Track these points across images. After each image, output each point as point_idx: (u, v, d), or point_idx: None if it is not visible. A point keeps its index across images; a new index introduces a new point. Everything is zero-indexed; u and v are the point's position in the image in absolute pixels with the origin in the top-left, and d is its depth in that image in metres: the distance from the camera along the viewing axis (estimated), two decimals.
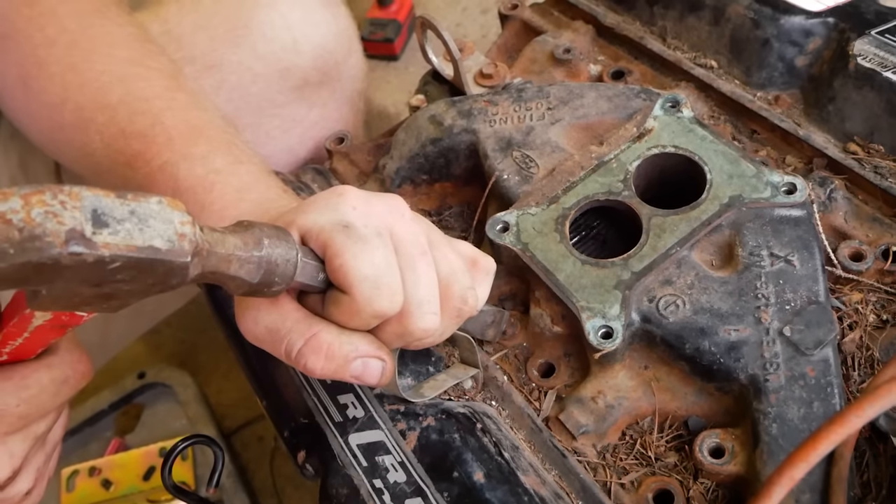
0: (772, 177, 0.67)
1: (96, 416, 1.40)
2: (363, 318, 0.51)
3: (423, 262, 0.53)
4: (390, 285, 0.50)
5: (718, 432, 0.60)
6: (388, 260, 0.51)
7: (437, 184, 0.83)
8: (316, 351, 0.51)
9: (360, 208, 0.52)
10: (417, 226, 0.55)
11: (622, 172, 0.71)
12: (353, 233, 0.50)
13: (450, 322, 0.57)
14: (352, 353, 0.52)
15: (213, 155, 0.65)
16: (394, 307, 0.51)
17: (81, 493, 1.28)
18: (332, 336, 0.52)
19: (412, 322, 0.53)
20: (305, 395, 0.66)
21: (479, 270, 0.60)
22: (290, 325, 0.52)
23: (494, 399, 0.67)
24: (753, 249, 0.64)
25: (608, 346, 0.62)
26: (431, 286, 0.53)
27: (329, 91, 0.98)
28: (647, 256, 0.66)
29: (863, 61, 0.71)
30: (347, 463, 0.61)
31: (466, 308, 0.56)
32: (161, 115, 0.66)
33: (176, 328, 1.58)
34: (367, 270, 0.49)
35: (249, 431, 1.42)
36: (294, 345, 0.52)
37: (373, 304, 0.50)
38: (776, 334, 0.60)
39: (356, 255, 0.49)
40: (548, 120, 0.77)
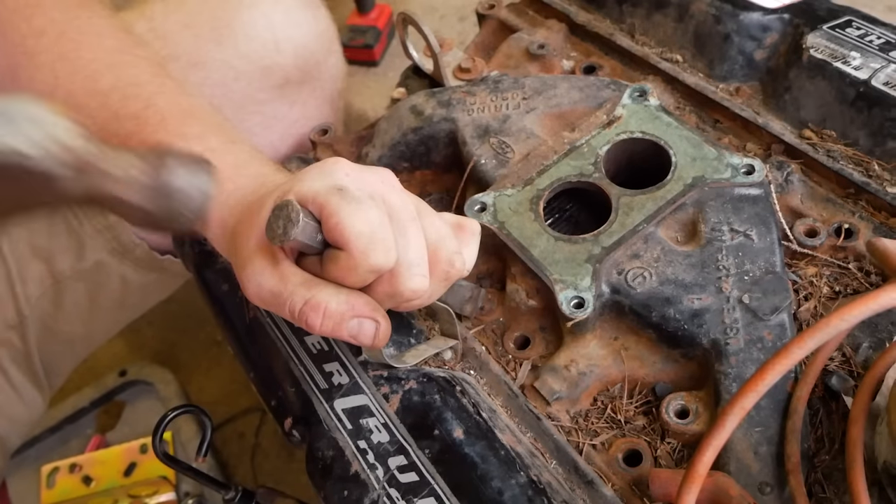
0: (732, 159, 0.72)
1: (77, 414, 1.41)
2: (360, 274, 0.55)
3: (413, 227, 0.57)
4: (385, 240, 0.54)
5: (683, 395, 0.64)
6: (382, 219, 0.54)
7: (417, 171, 0.87)
8: (315, 309, 0.55)
9: (353, 175, 0.56)
10: (407, 196, 0.59)
11: (593, 156, 0.76)
12: (347, 194, 0.54)
13: (438, 285, 0.60)
14: (348, 312, 0.56)
15: (207, 135, 0.68)
16: (389, 262, 0.54)
17: (62, 489, 1.30)
18: (329, 295, 0.55)
19: (402, 283, 0.56)
20: (292, 366, 0.69)
21: (466, 232, 0.64)
22: (291, 287, 0.56)
23: (473, 368, 0.70)
24: (715, 225, 0.69)
25: (580, 314, 0.66)
26: (421, 250, 0.57)
27: (310, 90, 1.02)
28: (617, 233, 0.70)
29: (815, 53, 0.76)
30: (333, 427, 0.65)
31: (454, 271, 0.60)
32: (153, 98, 0.69)
33: (158, 327, 1.60)
34: (362, 227, 0.53)
35: (230, 428, 1.45)
36: (296, 305, 0.55)
37: (369, 259, 0.53)
38: (736, 302, 0.65)
39: (351, 213, 0.53)
40: (523, 109, 0.82)
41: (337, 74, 1.06)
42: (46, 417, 1.40)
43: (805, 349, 0.42)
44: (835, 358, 0.66)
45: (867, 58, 0.75)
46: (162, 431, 0.68)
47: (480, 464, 0.58)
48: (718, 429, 0.44)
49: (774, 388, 0.60)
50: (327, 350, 0.69)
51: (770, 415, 0.60)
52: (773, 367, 0.42)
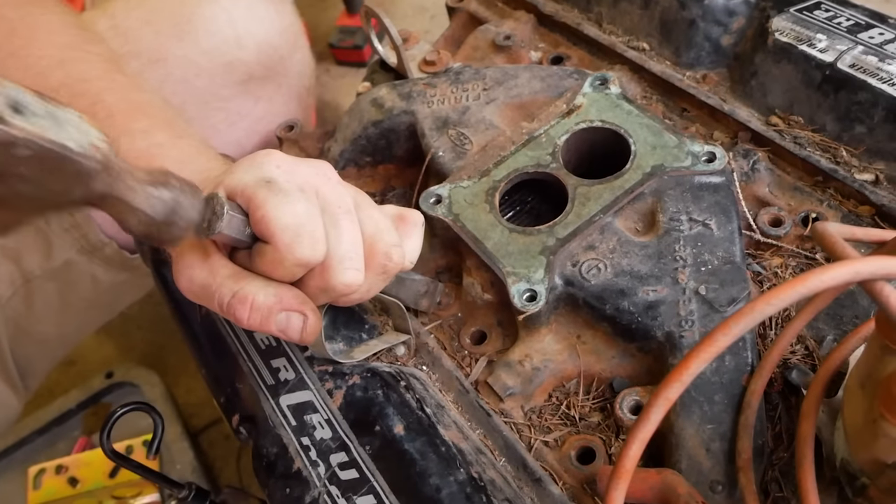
0: (693, 146, 0.70)
1: (64, 416, 1.41)
2: (286, 268, 0.54)
3: (346, 219, 0.55)
4: (312, 233, 0.52)
5: (638, 390, 0.62)
6: (311, 211, 0.53)
7: (380, 166, 0.85)
8: (242, 302, 0.54)
9: (284, 167, 0.55)
10: (343, 188, 0.58)
11: (551, 146, 0.74)
12: (274, 187, 0.53)
13: (376, 278, 0.58)
14: (276, 305, 0.54)
15: (154, 130, 0.67)
16: (316, 255, 0.53)
17: (48, 490, 1.29)
18: (257, 288, 0.54)
19: (334, 276, 0.55)
20: (241, 362, 0.68)
21: (407, 223, 0.62)
22: (219, 280, 0.54)
23: (426, 364, 0.68)
24: (673, 215, 0.67)
25: (532, 308, 0.64)
26: (354, 242, 0.55)
27: (275, 86, 1.00)
28: (572, 224, 0.68)
29: (780, 36, 0.74)
30: (278, 423, 0.63)
31: (391, 264, 0.58)
32: (101, 95, 0.68)
33: (146, 330, 1.60)
34: (287, 219, 0.52)
35: (216, 430, 1.44)
36: (224, 298, 0.54)
37: (294, 252, 0.52)
38: (692, 293, 0.62)
39: (276, 205, 0.52)
40: (483, 100, 0.80)
41: (303, 71, 1.05)
42: (33, 419, 1.40)
43: (730, 336, 0.39)
44: (797, 351, 0.64)
45: (834, 40, 0.72)
46: (110, 427, 0.67)
47: (419, 460, 0.57)
48: (643, 421, 0.42)
49: (729, 381, 0.59)
50: (275, 346, 0.67)
51: (723, 410, 0.58)
52: (696, 355, 0.40)
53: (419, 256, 0.75)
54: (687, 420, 0.57)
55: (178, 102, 0.90)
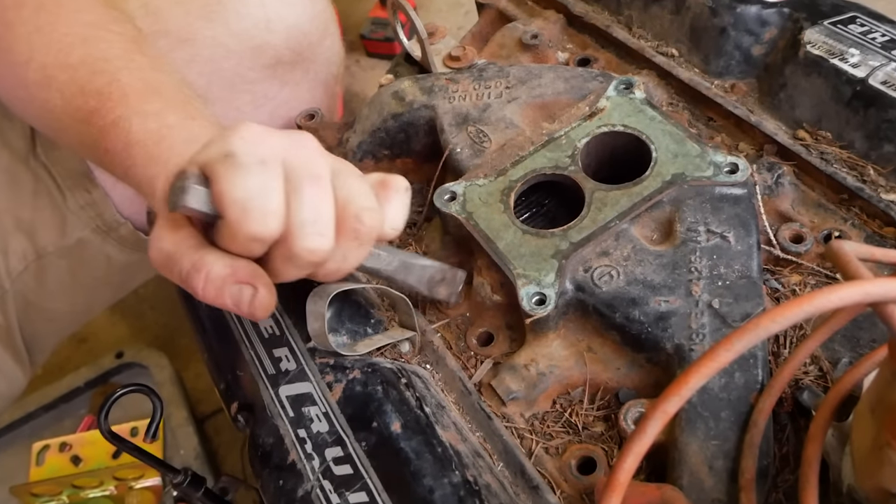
0: (715, 157, 0.69)
1: (72, 393, 1.42)
2: (240, 242, 0.54)
3: (310, 184, 0.54)
4: (262, 207, 0.52)
5: (644, 402, 0.61)
6: (266, 185, 0.53)
7: (398, 159, 0.85)
8: (198, 271, 0.54)
9: (249, 139, 0.54)
10: (318, 156, 0.57)
11: (570, 148, 0.73)
12: (231, 160, 0.53)
13: (349, 245, 0.57)
14: (230, 277, 0.55)
15: (166, 111, 0.67)
16: (267, 229, 0.53)
17: (50, 467, 1.31)
18: (213, 259, 0.55)
19: (296, 242, 0.54)
20: (244, 349, 0.68)
21: (388, 188, 0.61)
22: (182, 250, 0.55)
23: (429, 363, 0.68)
24: (691, 225, 0.66)
25: (540, 311, 0.63)
26: (318, 207, 0.55)
27: (302, 71, 1.01)
28: (587, 228, 0.67)
29: (812, 49, 0.73)
30: (276, 414, 0.63)
31: (363, 227, 0.57)
32: (118, 74, 0.69)
33: (159, 312, 1.61)
34: (236, 194, 0.52)
35: (223, 417, 1.44)
36: (183, 267, 0.55)
37: (243, 227, 0.52)
38: (705, 306, 0.62)
39: (229, 179, 0.52)
40: (505, 98, 0.80)
41: (332, 58, 1.05)
42: (41, 395, 1.42)
43: (732, 351, 0.39)
44: (810, 372, 0.63)
45: (866, 55, 0.71)
46: (108, 408, 0.67)
47: (414, 459, 0.56)
48: (639, 434, 0.41)
49: (737, 398, 0.58)
50: (278, 335, 0.67)
51: (729, 427, 0.57)
52: (696, 370, 0.39)
53: (431, 253, 0.76)
54: (691, 435, 0.57)
55: (204, 83, 0.91)
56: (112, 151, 0.66)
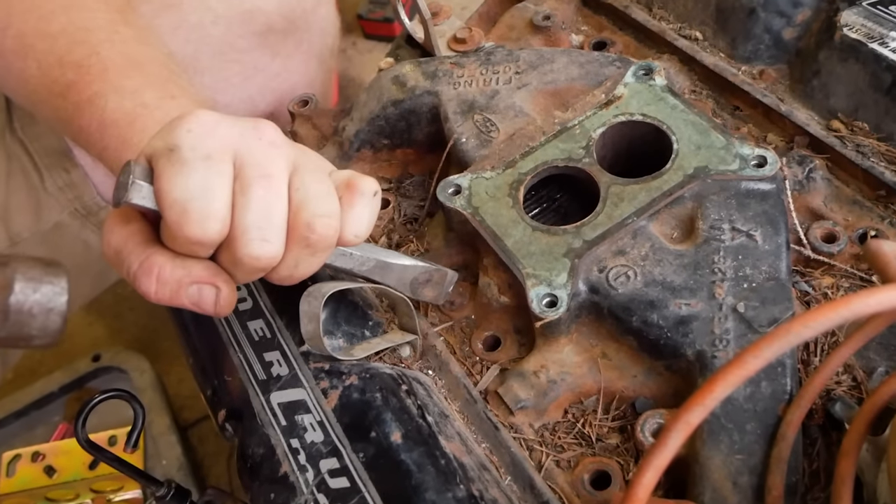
0: (742, 149, 0.69)
1: (45, 399, 1.43)
2: (180, 244, 0.54)
3: (258, 186, 0.54)
4: (201, 210, 0.52)
5: (662, 412, 0.61)
6: (209, 183, 0.52)
7: (398, 150, 0.85)
8: (147, 273, 0.55)
9: (196, 130, 0.54)
10: (274, 149, 0.56)
11: (585, 139, 0.73)
12: (174, 156, 0.52)
13: (301, 252, 0.57)
14: (185, 278, 0.55)
15: (144, 89, 0.68)
16: (207, 233, 0.53)
17: (22, 478, 1.31)
18: (164, 259, 0.55)
19: (239, 248, 0.54)
20: (232, 352, 0.68)
21: (353, 192, 0.59)
22: (130, 247, 0.55)
23: (431, 368, 0.68)
24: (715, 222, 0.66)
25: (551, 315, 0.63)
26: (264, 211, 0.54)
27: (295, 42, 1.01)
28: (602, 225, 0.67)
29: (849, 32, 0.73)
30: (266, 422, 0.63)
31: (314, 236, 0.56)
32: (99, 47, 0.69)
33: (139, 312, 1.62)
34: (175, 194, 0.52)
35: (208, 425, 1.45)
36: (131, 266, 0.55)
37: (182, 229, 0.52)
38: (729, 310, 0.61)
39: (170, 177, 0.52)
40: (514, 84, 0.80)
41: (327, 29, 1.05)
42: (11, 401, 1.42)
43: (761, 358, 0.39)
44: (843, 382, 0.62)
45: None
46: (85, 416, 0.67)
47: (416, 472, 0.56)
48: (660, 447, 0.41)
49: (764, 410, 0.58)
50: (269, 337, 0.68)
51: (755, 440, 0.57)
52: (722, 378, 0.39)
53: (433, 250, 0.76)
54: (714, 449, 0.57)
55: (191, 52, 0.91)
56: (86, 130, 0.67)
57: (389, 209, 0.82)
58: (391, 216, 0.82)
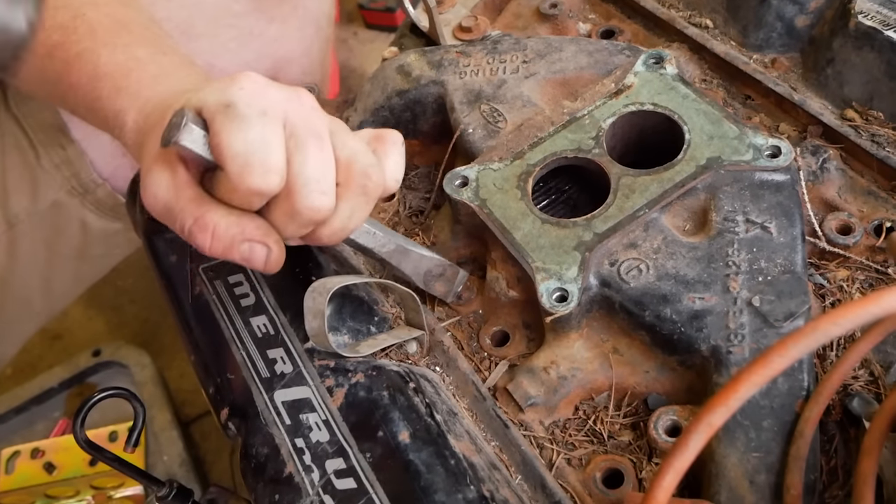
0: (755, 139, 0.67)
1: (45, 395, 1.42)
2: (240, 196, 0.55)
3: (313, 142, 0.56)
4: (264, 162, 0.53)
5: (676, 409, 0.60)
6: (267, 138, 0.54)
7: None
8: (203, 230, 0.56)
9: (249, 89, 0.55)
10: (317, 113, 0.59)
11: (594, 129, 0.72)
12: (231, 111, 0.54)
13: (357, 200, 0.59)
14: (238, 236, 0.57)
15: (135, 45, 0.68)
16: (269, 185, 0.54)
17: (21, 475, 1.30)
18: (218, 216, 0.56)
19: (299, 200, 0.56)
20: (234, 349, 0.67)
21: (385, 143, 0.63)
22: (182, 203, 0.56)
23: (439, 365, 0.67)
24: (728, 214, 0.65)
25: (561, 309, 0.62)
26: (322, 166, 0.56)
27: (291, 6, 1.00)
28: (613, 217, 0.66)
29: (864, 19, 0.71)
30: (270, 421, 0.62)
31: (371, 183, 0.59)
32: (83, 9, 0.70)
33: (140, 306, 1.61)
34: (238, 147, 0.53)
35: (210, 421, 1.43)
36: (185, 223, 0.57)
37: (245, 181, 0.54)
38: (744, 304, 0.60)
39: (230, 131, 0.53)
40: (522, 73, 0.78)
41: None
42: (11, 396, 1.41)
43: (787, 357, 0.37)
44: (860, 377, 0.61)
45: None
46: (84, 415, 0.66)
47: (425, 473, 0.55)
48: (680, 449, 0.40)
49: (780, 406, 0.57)
50: (273, 334, 0.66)
51: (772, 438, 0.56)
52: (746, 378, 0.38)
53: (440, 244, 0.75)
54: (730, 447, 0.56)
55: (185, 16, 0.91)
56: (76, 85, 0.68)
57: (394, 201, 0.81)
58: (396, 208, 0.81)
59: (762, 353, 0.38)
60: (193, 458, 1.36)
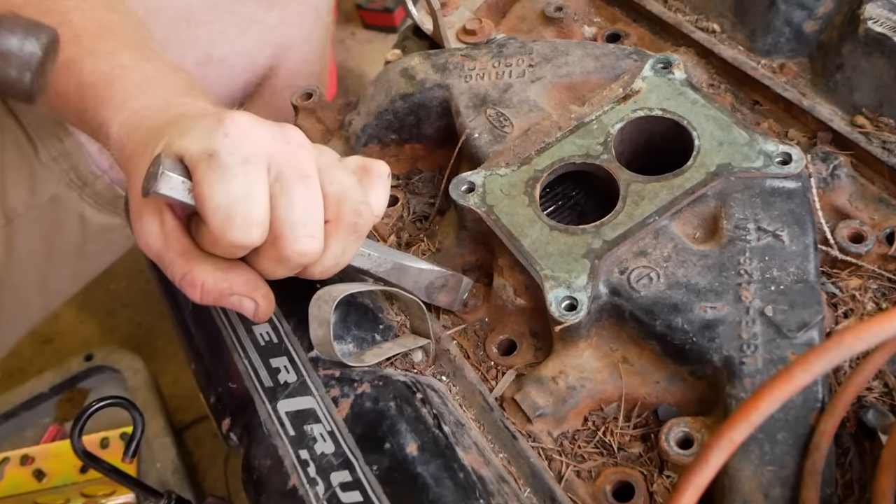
0: (766, 145, 0.67)
1: (35, 400, 1.40)
2: (223, 248, 0.56)
3: (300, 186, 0.56)
4: (245, 215, 0.53)
5: (688, 420, 0.59)
6: (249, 189, 0.54)
7: (406, 145, 0.83)
8: (192, 285, 0.58)
9: (234, 135, 0.55)
10: (303, 151, 0.58)
11: (603, 135, 0.71)
12: (214, 161, 0.53)
13: (348, 239, 0.59)
14: (226, 291, 0.58)
15: (119, 51, 0.68)
16: (249, 238, 0.54)
17: (10, 482, 1.28)
18: (206, 272, 0.57)
19: (286, 246, 0.55)
20: (236, 358, 0.66)
21: (371, 176, 0.63)
22: (171, 256, 0.57)
23: (445, 374, 0.66)
24: (739, 222, 0.64)
25: (571, 318, 0.61)
26: (309, 209, 0.56)
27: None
28: (622, 225, 0.65)
29: (873, 25, 0.71)
30: (273, 432, 0.61)
31: (362, 221, 0.59)
32: (69, 15, 0.69)
33: (133, 309, 1.59)
34: (219, 199, 0.53)
35: (205, 427, 1.42)
36: (175, 276, 0.58)
37: (226, 235, 0.54)
38: (757, 314, 0.60)
39: (212, 184, 0.53)
40: (528, 77, 0.77)
41: None
42: (0, 402, 1.39)
43: (810, 373, 0.37)
44: (874, 388, 0.61)
45: None
46: (82, 424, 0.65)
47: (433, 486, 0.54)
48: (700, 465, 0.39)
49: (795, 419, 0.56)
50: (276, 342, 0.65)
51: (787, 451, 0.55)
52: (768, 393, 0.37)
53: (444, 250, 0.74)
54: (744, 460, 0.55)
55: (184, 5, 0.91)
56: (64, 94, 0.68)
57: (398, 206, 0.80)
58: (400, 214, 0.80)
59: (784, 367, 0.37)
60: (187, 465, 1.34)
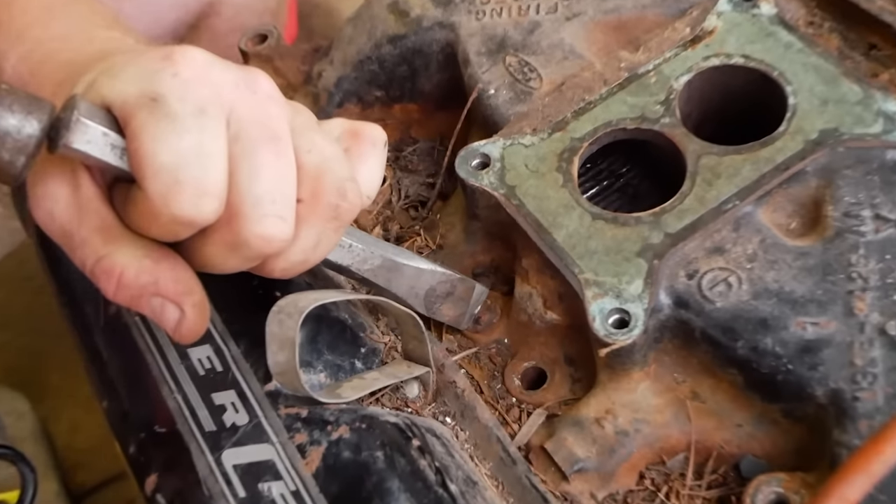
0: (886, 104, 0.68)
1: None
2: (162, 225, 0.55)
3: (267, 150, 0.56)
4: (198, 181, 0.53)
5: (782, 477, 0.60)
6: (204, 148, 0.54)
7: (396, 105, 0.86)
8: (107, 274, 0.57)
9: (185, 75, 0.55)
10: (274, 105, 0.59)
11: (663, 91, 0.73)
12: (159, 108, 0.53)
13: (326, 226, 0.59)
14: (149, 287, 0.58)
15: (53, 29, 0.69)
16: (201, 212, 0.54)
17: None
18: (128, 259, 0.57)
19: (245, 227, 0.55)
20: (166, 392, 0.67)
21: (362, 143, 0.64)
22: (84, 233, 0.57)
23: (451, 414, 0.68)
24: (851, 209, 0.65)
25: (622, 338, 0.63)
26: (278, 181, 0.56)
27: None
28: (691, 212, 0.67)
29: None
30: (217, 492, 0.62)
31: (346, 204, 0.59)
32: None
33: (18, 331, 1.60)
34: (164, 158, 0.53)
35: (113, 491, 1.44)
36: (86, 260, 0.58)
37: (169, 205, 0.53)
38: (875, 332, 0.61)
39: (155, 136, 0.53)
40: (561, 13, 0.80)
41: None
42: None
43: None
44: None
45: None
46: None
47: None
48: None
49: None
50: (221, 371, 0.66)
51: None
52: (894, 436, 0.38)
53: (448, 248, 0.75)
54: None
55: None
56: None
57: (385, 187, 0.82)
58: (387, 198, 0.81)
59: None
60: None
